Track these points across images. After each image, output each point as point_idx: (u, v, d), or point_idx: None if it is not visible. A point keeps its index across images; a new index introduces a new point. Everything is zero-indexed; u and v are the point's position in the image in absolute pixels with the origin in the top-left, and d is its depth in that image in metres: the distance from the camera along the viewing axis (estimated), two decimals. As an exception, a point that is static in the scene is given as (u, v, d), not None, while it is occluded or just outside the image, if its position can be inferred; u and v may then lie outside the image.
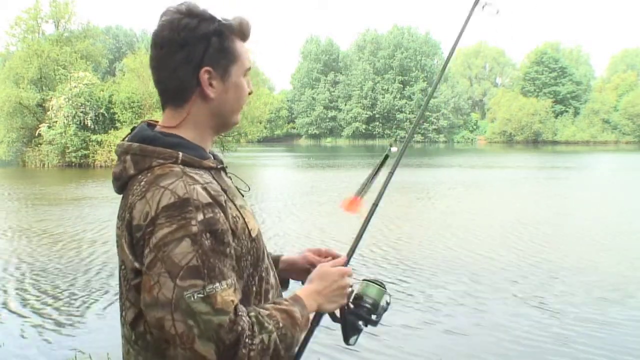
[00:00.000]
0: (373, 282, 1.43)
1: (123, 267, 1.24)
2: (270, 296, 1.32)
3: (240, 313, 1.14)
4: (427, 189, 19.00)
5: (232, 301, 1.13)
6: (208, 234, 1.14)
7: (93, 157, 30.89)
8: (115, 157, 1.31)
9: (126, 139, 1.29)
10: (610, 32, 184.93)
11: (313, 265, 1.49)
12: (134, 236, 1.18)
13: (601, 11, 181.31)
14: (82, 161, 30.98)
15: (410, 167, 28.83)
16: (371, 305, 1.40)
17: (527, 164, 33.98)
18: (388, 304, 1.43)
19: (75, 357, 4.98)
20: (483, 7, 1.82)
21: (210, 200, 1.17)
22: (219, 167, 1.33)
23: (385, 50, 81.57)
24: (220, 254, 1.15)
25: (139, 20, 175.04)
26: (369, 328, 1.43)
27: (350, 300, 1.42)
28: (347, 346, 1.45)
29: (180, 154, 1.23)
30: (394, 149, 1.54)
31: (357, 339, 1.42)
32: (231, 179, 1.39)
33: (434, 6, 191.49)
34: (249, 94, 1.36)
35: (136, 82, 32.67)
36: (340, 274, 1.39)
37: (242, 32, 1.31)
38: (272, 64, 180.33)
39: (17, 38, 35.50)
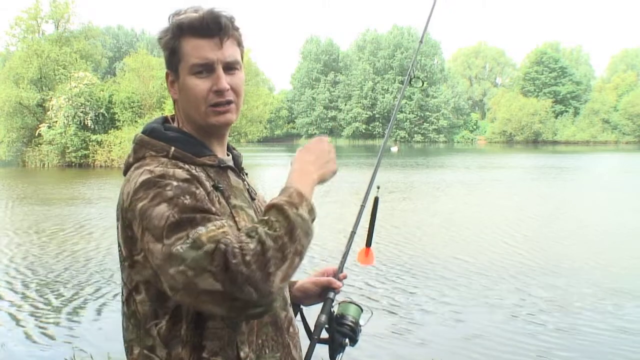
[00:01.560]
0: (352, 303, 1.53)
1: (119, 248, 1.27)
2: None
3: (227, 237, 1.09)
4: (419, 188, 19.01)
5: (223, 233, 1.09)
6: (186, 196, 1.14)
7: (93, 157, 30.89)
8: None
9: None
10: (610, 32, 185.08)
11: (321, 287, 1.54)
12: (125, 218, 1.21)
13: (601, 11, 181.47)
14: (82, 161, 30.98)
15: (407, 167, 28.83)
16: (353, 323, 1.49)
17: (527, 163, 33.98)
18: (361, 325, 1.52)
19: (74, 357, 4.98)
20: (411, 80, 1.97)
21: (188, 177, 1.18)
22: (222, 165, 1.32)
23: (385, 50, 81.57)
24: (202, 209, 1.13)
25: (140, 20, 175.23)
26: (349, 345, 1.50)
27: (334, 320, 1.50)
28: None
29: (173, 148, 1.26)
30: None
31: (342, 356, 1.49)
32: (244, 181, 1.39)
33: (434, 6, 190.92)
34: (219, 91, 1.27)
35: (136, 82, 32.67)
36: (319, 140, 1.40)
37: (191, 28, 1.26)
38: (272, 64, 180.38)
39: (17, 38, 35.54)
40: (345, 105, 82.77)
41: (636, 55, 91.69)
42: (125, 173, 1.30)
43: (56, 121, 30.69)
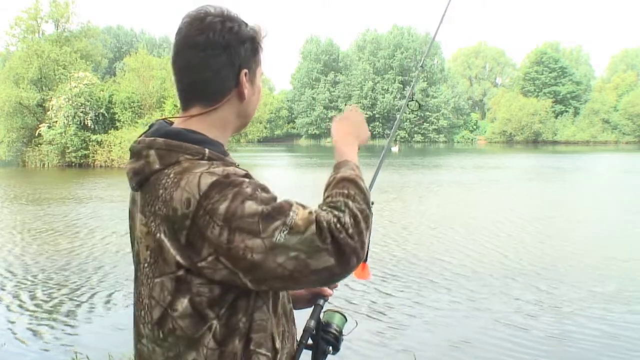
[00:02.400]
0: (337, 312, 1.57)
1: (146, 264, 1.23)
2: (281, 294, 1.33)
3: (318, 213, 1.19)
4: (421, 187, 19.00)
5: (310, 213, 1.18)
6: (260, 190, 1.19)
7: (93, 157, 30.88)
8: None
9: (144, 135, 1.31)
10: (610, 32, 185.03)
11: (312, 293, 1.58)
12: (178, 226, 1.16)
13: (601, 11, 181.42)
14: (82, 161, 30.98)
15: (403, 167, 28.82)
16: (337, 331, 1.52)
17: (525, 163, 33.98)
18: (343, 335, 1.55)
19: (77, 357, 4.97)
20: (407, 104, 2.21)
21: (246, 172, 1.24)
22: (237, 164, 1.35)
23: (385, 50, 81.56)
24: (277, 198, 1.21)
25: (139, 20, 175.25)
26: (331, 353, 1.52)
27: (321, 327, 1.53)
28: None
29: (207, 150, 1.25)
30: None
31: None
32: None
33: (434, 6, 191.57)
34: None
35: (136, 82, 32.66)
36: (353, 109, 1.60)
37: (261, 39, 1.36)
38: (272, 64, 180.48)
39: (17, 38, 35.51)
40: (345, 105, 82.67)
41: (636, 55, 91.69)
42: (140, 182, 1.25)
43: (56, 121, 30.68)
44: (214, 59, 1.27)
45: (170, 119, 1.35)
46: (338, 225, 1.16)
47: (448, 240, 10.32)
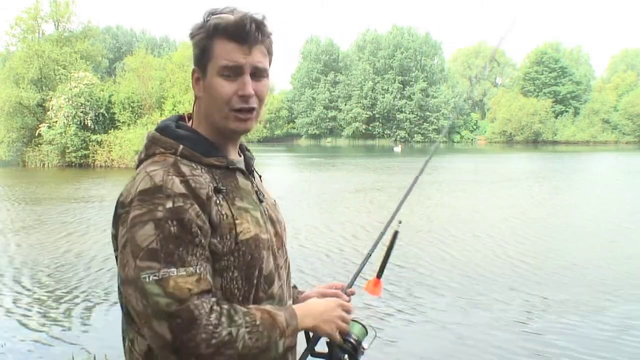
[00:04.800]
0: (358, 322, 1.52)
1: (112, 241, 1.32)
2: (263, 305, 1.30)
3: (201, 300, 1.15)
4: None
5: (189, 289, 1.15)
6: (174, 221, 1.17)
7: (93, 157, 30.86)
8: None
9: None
10: (610, 32, 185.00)
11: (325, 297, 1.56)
12: (117, 211, 1.26)
13: (601, 11, 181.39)
14: (82, 161, 30.96)
15: (406, 169, 28.80)
16: (355, 342, 1.46)
17: (522, 164, 33.96)
18: (364, 348, 1.50)
19: (73, 357, 4.98)
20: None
21: (184, 191, 1.20)
22: (230, 167, 1.34)
23: (385, 50, 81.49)
24: (185, 242, 1.17)
25: (139, 20, 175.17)
26: None
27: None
28: None
29: (181, 146, 1.28)
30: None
31: None
32: (252, 183, 1.41)
33: (434, 6, 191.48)
34: (244, 96, 1.28)
35: (136, 82, 32.64)
36: (337, 303, 1.43)
37: (225, 31, 1.26)
38: (272, 63, 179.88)
39: (17, 38, 35.46)
40: (345, 105, 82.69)
41: (636, 55, 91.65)
42: (137, 168, 1.34)
43: (56, 121, 30.66)
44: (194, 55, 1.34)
45: (189, 114, 1.42)
46: (209, 327, 1.14)
47: (441, 240, 10.33)
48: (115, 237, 1.27)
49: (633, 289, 7.16)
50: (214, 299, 1.18)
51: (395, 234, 1.68)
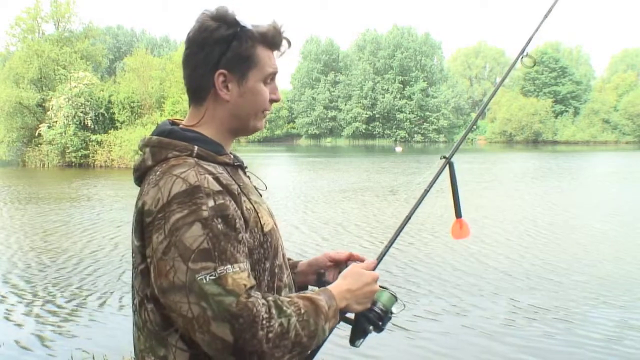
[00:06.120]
0: (386, 289, 1.44)
1: (133, 253, 1.28)
2: (282, 294, 1.32)
3: (254, 295, 1.15)
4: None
5: (245, 285, 1.15)
6: (219, 219, 1.17)
7: (93, 157, 30.87)
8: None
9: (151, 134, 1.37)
10: (610, 32, 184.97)
11: (334, 262, 1.55)
12: (144, 221, 1.21)
13: (601, 11, 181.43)
14: (82, 161, 30.96)
15: (407, 169, 28.77)
16: (382, 311, 1.40)
17: (522, 164, 33.94)
18: (393, 313, 1.44)
19: (72, 357, 4.98)
20: (521, 59, 1.97)
21: (220, 188, 1.21)
22: (235, 164, 1.37)
23: (385, 50, 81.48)
24: (232, 239, 1.18)
25: (140, 20, 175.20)
26: (371, 332, 1.42)
27: None
28: (350, 347, 1.45)
29: (196, 147, 1.28)
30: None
31: (362, 342, 1.43)
32: (249, 179, 1.43)
33: (434, 6, 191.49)
34: (275, 101, 1.38)
35: (136, 82, 32.65)
36: (373, 277, 1.40)
37: (265, 39, 1.33)
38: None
39: (17, 38, 35.49)
40: (345, 105, 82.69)
41: (636, 55, 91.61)
42: (139, 177, 1.31)
43: (56, 121, 30.66)
44: (193, 56, 1.31)
45: (177, 119, 1.40)
46: (264, 323, 1.13)
47: (452, 241, 10.32)
48: (140, 247, 1.23)
49: (633, 289, 7.16)
50: (259, 293, 1.19)
51: (451, 164, 1.66)
